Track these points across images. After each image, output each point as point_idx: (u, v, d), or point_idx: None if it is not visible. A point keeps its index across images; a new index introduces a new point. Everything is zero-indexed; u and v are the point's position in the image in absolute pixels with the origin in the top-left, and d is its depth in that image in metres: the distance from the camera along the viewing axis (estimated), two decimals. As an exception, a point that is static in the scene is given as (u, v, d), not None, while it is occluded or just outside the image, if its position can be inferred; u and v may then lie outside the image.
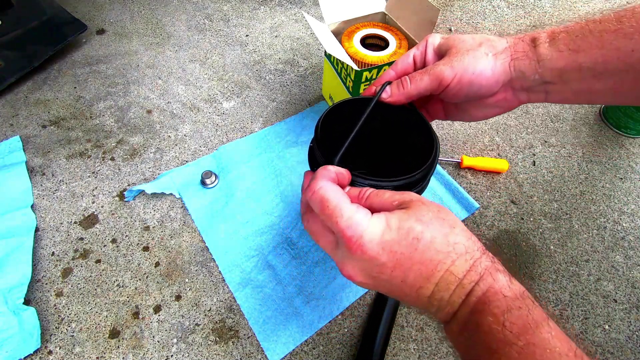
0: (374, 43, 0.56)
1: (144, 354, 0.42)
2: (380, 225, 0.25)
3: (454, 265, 0.24)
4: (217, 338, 0.43)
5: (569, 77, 0.31)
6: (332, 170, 0.28)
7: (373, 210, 0.27)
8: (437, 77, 0.32)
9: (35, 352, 0.41)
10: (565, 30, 0.31)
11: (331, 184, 0.27)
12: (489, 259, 0.25)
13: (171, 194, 0.53)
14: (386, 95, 0.34)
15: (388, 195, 0.28)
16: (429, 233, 0.25)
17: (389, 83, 0.35)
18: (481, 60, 0.32)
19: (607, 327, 0.46)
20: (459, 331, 0.25)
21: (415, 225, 0.25)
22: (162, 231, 0.50)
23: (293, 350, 0.43)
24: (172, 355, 0.42)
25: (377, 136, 0.38)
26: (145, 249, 0.49)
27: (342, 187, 0.29)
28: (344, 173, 0.29)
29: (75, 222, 0.51)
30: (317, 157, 0.33)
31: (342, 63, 0.51)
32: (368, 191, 0.28)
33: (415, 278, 0.25)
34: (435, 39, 0.35)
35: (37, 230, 0.50)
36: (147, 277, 0.47)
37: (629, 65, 0.28)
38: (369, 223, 0.25)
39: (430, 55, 0.35)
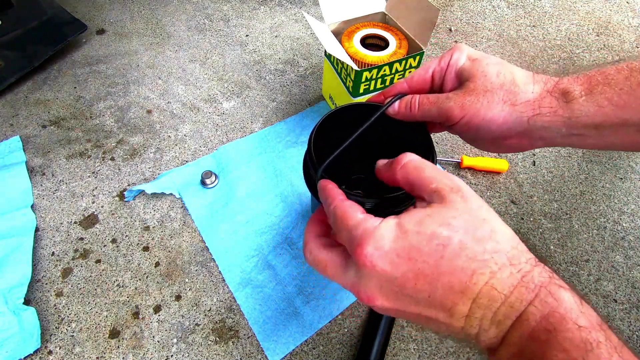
0: (374, 43, 0.56)
1: (144, 354, 0.42)
2: (391, 230, 0.22)
3: (495, 278, 0.20)
4: (217, 338, 0.43)
5: (607, 131, 0.28)
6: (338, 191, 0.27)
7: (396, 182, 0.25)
8: (445, 114, 0.30)
9: (35, 352, 0.41)
10: (606, 81, 0.27)
11: (342, 202, 0.25)
12: (545, 273, 0.21)
13: (171, 194, 0.53)
14: (392, 110, 0.33)
15: (428, 174, 0.24)
16: (457, 237, 0.21)
17: (401, 97, 0.33)
18: (495, 107, 0.29)
19: (607, 327, 0.46)
20: None
21: (440, 229, 0.21)
22: (162, 231, 0.50)
23: (293, 350, 0.43)
24: (172, 355, 0.42)
25: (375, 144, 0.38)
26: (145, 249, 0.49)
27: None
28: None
29: (75, 222, 0.51)
30: (310, 162, 0.32)
31: (342, 63, 0.51)
32: (392, 163, 0.26)
33: (445, 292, 0.21)
34: (460, 59, 0.32)
35: (37, 230, 0.50)
36: (147, 277, 0.47)
37: None
38: (375, 229, 0.22)
39: (450, 77, 0.32)
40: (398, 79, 0.53)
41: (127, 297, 0.45)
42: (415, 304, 0.22)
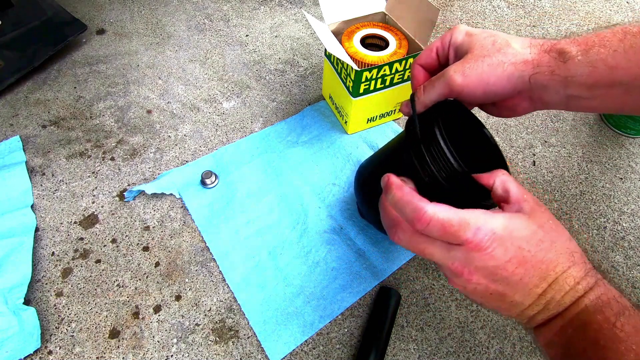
0: (374, 43, 0.56)
1: (144, 354, 0.42)
2: (502, 220, 0.26)
3: (571, 269, 0.26)
4: (217, 338, 0.43)
5: (599, 92, 0.29)
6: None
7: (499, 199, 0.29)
8: (448, 85, 0.31)
9: (35, 352, 0.41)
10: (601, 43, 0.28)
11: (437, 206, 0.26)
12: (599, 273, 0.27)
13: (171, 194, 0.53)
14: (404, 109, 0.35)
15: (520, 188, 0.29)
16: (549, 236, 0.26)
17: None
18: (496, 69, 0.30)
19: (607, 327, 0.46)
20: (558, 330, 0.26)
21: (538, 230, 0.26)
22: (162, 231, 0.50)
23: (293, 350, 0.43)
24: (172, 355, 0.42)
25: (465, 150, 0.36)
26: (145, 249, 0.49)
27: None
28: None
29: (75, 222, 0.51)
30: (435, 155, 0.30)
31: (342, 63, 0.51)
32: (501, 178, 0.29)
33: (533, 275, 0.25)
34: (458, 35, 0.33)
35: (37, 230, 0.50)
36: (147, 277, 0.47)
37: None
38: (484, 216, 0.25)
39: (451, 54, 0.34)
40: (398, 79, 0.53)
41: (127, 297, 0.45)
42: (504, 284, 0.26)
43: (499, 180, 0.29)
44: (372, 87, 0.52)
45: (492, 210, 0.27)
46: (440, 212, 0.25)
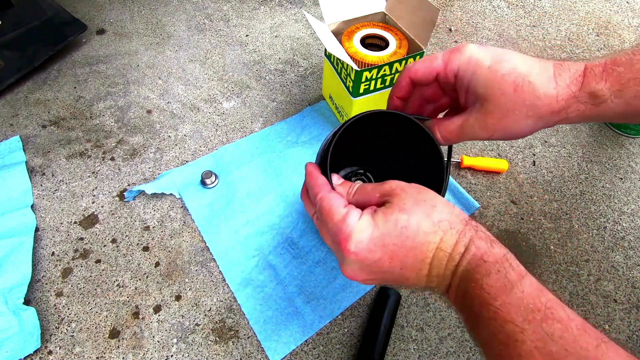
0: (374, 43, 0.56)
1: (144, 354, 0.42)
2: (368, 225, 0.27)
3: (442, 242, 0.26)
4: (217, 338, 0.43)
5: (633, 120, 0.29)
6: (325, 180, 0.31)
7: (360, 204, 0.29)
8: (472, 138, 0.31)
9: (35, 352, 0.41)
10: (635, 76, 0.27)
11: (327, 194, 0.29)
12: (472, 229, 0.27)
13: (171, 194, 0.53)
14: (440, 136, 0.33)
15: (371, 188, 0.30)
16: (414, 219, 0.26)
17: (421, 118, 0.34)
18: (521, 124, 0.29)
19: (607, 327, 0.46)
20: (454, 300, 0.27)
21: (400, 215, 0.27)
22: (162, 231, 0.50)
23: (293, 350, 0.43)
24: (172, 355, 0.42)
25: (387, 153, 0.38)
26: (145, 249, 0.49)
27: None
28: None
29: (75, 222, 0.51)
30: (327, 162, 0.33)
31: (342, 63, 0.51)
32: (355, 187, 0.31)
33: (412, 263, 0.27)
34: (467, 69, 0.30)
35: (37, 230, 0.50)
36: (147, 277, 0.47)
37: None
38: (355, 225, 0.27)
39: (463, 91, 0.31)
40: (398, 79, 0.53)
41: (127, 297, 0.45)
42: (391, 275, 0.28)
43: (385, 190, 0.30)
44: (372, 87, 0.52)
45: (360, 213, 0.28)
46: (327, 198, 0.29)
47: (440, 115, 0.37)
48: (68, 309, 0.45)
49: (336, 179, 0.32)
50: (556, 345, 0.21)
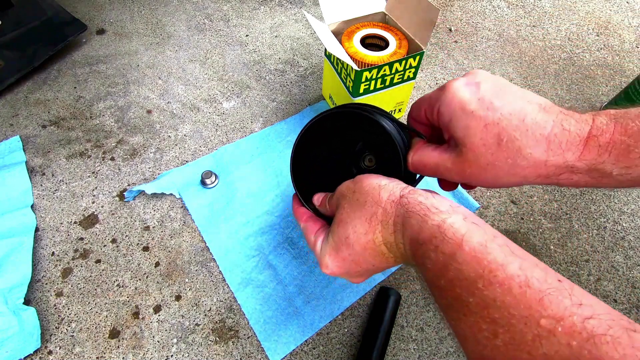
0: (374, 43, 0.56)
1: (144, 354, 0.42)
2: (326, 248, 0.31)
3: (382, 236, 0.27)
4: (217, 338, 0.43)
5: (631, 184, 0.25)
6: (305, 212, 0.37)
7: (334, 212, 0.32)
8: (445, 177, 0.29)
9: (35, 352, 0.41)
10: None
11: (304, 223, 0.36)
12: (402, 208, 0.26)
13: (171, 194, 0.53)
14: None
15: (328, 199, 0.34)
16: (350, 228, 0.28)
17: (418, 133, 0.32)
18: (501, 180, 0.26)
19: (607, 327, 0.46)
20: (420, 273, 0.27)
21: (340, 229, 0.29)
22: (162, 231, 0.50)
23: (293, 350, 0.43)
24: (172, 355, 0.42)
25: (345, 155, 0.37)
26: (145, 249, 0.49)
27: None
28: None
29: (75, 222, 0.51)
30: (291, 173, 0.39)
31: (342, 63, 0.51)
32: (326, 199, 0.34)
33: (373, 260, 0.29)
34: (446, 112, 0.27)
35: (37, 230, 0.50)
36: (147, 277, 0.47)
37: None
38: (320, 251, 0.32)
39: (443, 126, 0.28)
40: (398, 79, 0.53)
41: (127, 297, 0.45)
42: (368, 272, 0.31)
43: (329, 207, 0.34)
44: (372, 87, 0.52)
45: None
46: (304, 229, 0.35)
47: None
48: (68, 309, 0.45)
49: (316, 199, 0.36)
50: (499, 311, 0.20)
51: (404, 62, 0.51)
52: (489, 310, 0.20)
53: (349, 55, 0.51)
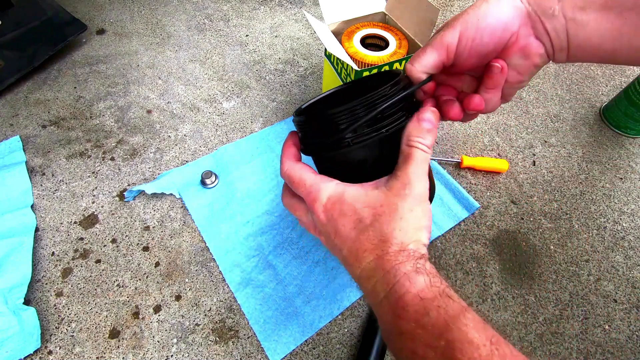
0: (374, 43, 0.56)
1: (144, 354, 0.42)
2: (331, 191, 0.28)
3: (382, 258, 0.26)
4: (217, 338, 0.43)
5: (593, 16, 0.27)
6: (293, 148, 0.32)
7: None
8: (442, 45, 0.29)
9: (35, 352, 0.41)
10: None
11: (293, 163, 0.31)
12: (412, 263, 0.26)
13: (171, 194, 0.53)
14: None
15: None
16: (373, 220, 0.27)
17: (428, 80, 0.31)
18: (489, 12, 0.28)
19: (607, 327, 0.46)
20: (384, 325, 0.26)
21: (365, 209, 0.27)
22: (162, 231, 0.50)
23: (293, 350, 0.43)
24: (172, 355, 0.42)
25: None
26: (145, 249, 0.49)
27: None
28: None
29: (75, 222, 0.51)
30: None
31: (342, 63, 0.51)
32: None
33: (349, 252, 0.28)
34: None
35: (37, 230, 0.50)
36: (147, 277, 0.47)
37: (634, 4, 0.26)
38: (322, 185, 0.29)
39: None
40: (398, 79, 0.53)
41: (127, 297, 0.45)
42: (335, 250, 0.29)
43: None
44: (372, 87, 0.52)
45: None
46: (291, 168, 0.30)
47: None
48: (68, 309, 0.45)
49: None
50: None
51: (403, 62, 0.51)
52: None
53: (349, 55, 0.51)
